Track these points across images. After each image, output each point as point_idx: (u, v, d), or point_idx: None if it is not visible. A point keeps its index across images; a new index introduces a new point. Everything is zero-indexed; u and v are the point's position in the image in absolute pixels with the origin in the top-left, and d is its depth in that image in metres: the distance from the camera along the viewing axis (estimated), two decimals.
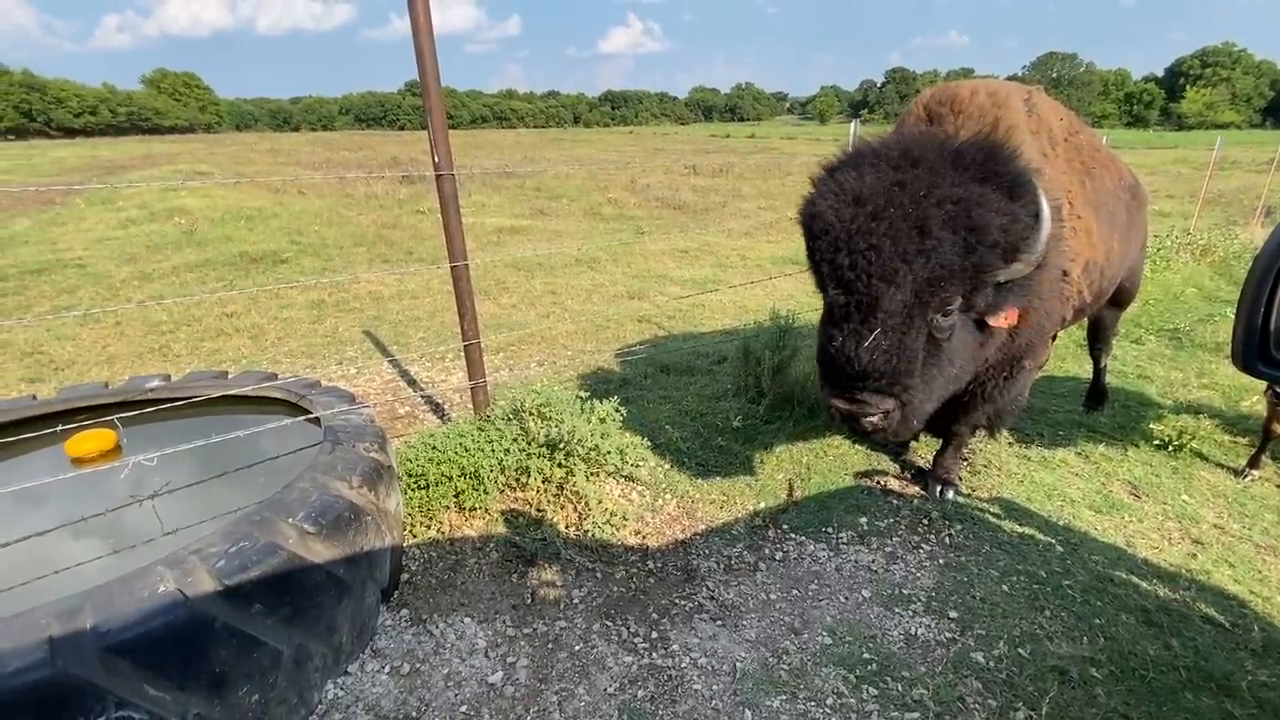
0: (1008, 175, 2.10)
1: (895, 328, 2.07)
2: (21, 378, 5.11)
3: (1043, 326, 2.75)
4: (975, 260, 2.03)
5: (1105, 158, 3.30)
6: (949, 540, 3.09)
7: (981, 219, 1.99)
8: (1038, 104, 2.87)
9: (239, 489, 2.55)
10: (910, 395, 2.19)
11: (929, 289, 2.04)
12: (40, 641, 1.52)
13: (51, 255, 9.14)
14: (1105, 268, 3.15)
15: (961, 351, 2.30)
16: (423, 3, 2.80)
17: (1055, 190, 2.66)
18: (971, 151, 2.14)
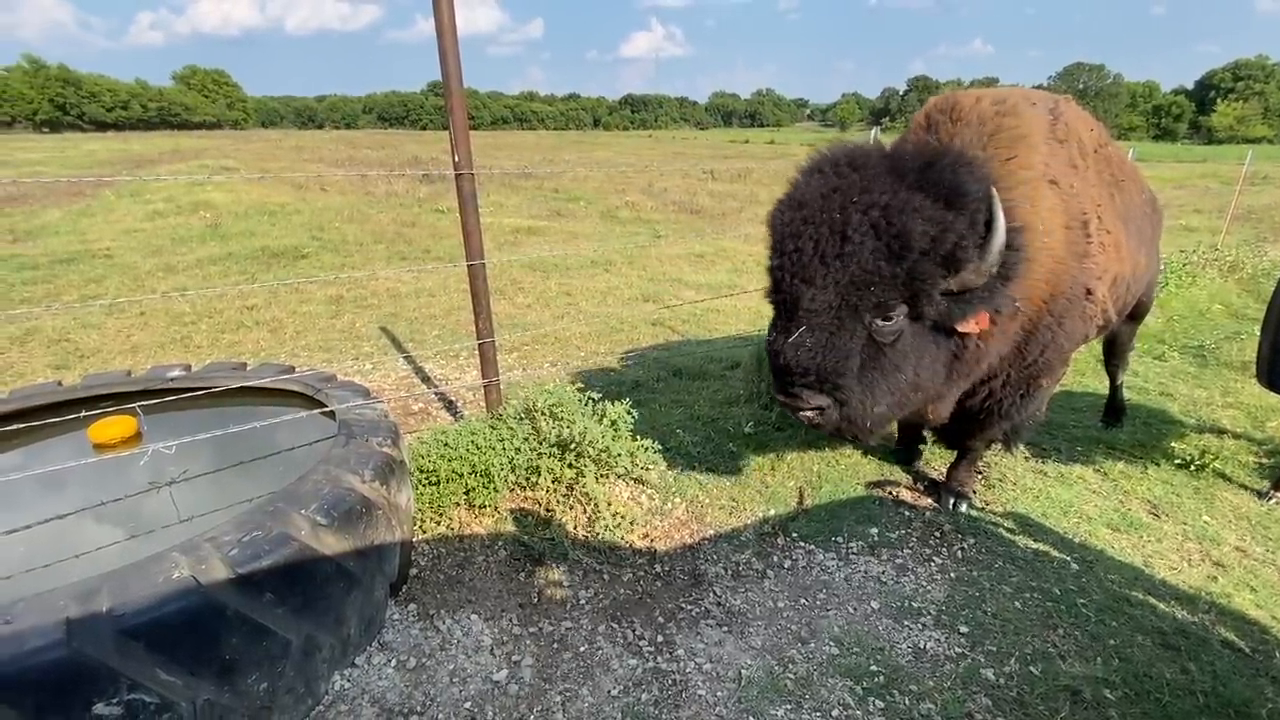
0: (944, 184, 2.07)
1: (822, 327, 2.13)
2: (48, 364, 5.22)
3: (1062, 346, 2.69)
4: (907, 268, 2.04)
5: (1131, 169, 3.25)
6: (961, 554, 3.05)
7: (905, 226, 2.00)
8: (1065, 113, 2.79)
9: (254, 479, 2.59)
10: (846, 395, 2.21)
11: (855, 292, 2.08)
12: (58, 622, 1.55)
13: (80, 246, 9.35)
14: (1132, 282, 3.09)
15: (918, 358, 2.28)
16: (448, 4, 2.83)
17: (1080, 203, 2.61)
18: (910, 159, 2.15)
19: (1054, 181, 2.53)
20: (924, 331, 2.25)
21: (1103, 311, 2.80)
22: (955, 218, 2.03)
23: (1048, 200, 2.49)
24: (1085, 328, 2.74)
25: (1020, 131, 2.57)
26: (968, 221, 2.05)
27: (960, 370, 2.50)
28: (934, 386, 2.44)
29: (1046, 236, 2.46)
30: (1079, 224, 2.59)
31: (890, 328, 2.16)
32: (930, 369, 2.34)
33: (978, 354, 2.47)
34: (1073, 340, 2.73)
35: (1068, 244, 2.54)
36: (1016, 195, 2.40)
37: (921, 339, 2.26)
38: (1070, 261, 2.55)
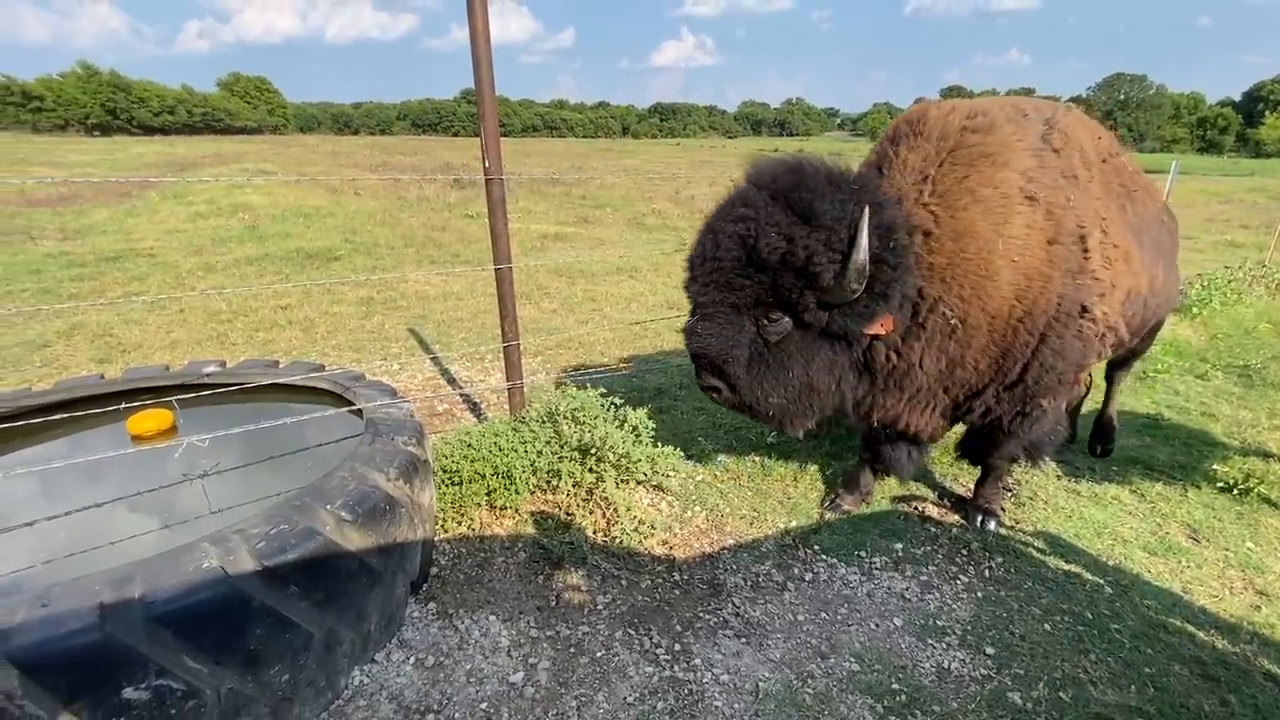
0: (801, 204, 2.22)
1: (714, 319, 2.37)
2: (92, 357, 5.42)
3: (1054, 366, 2.62)
4: (768, 278, 2.25)
5: (1145, 180, 3.14)
6: (989, 573, 2.97)
7: (756, 240, 2.21)
8: (1064, 123, 2.70)
9: (282, 474, 2.64)
10: (734, 381, 2.45)
11: (731, 293, 2.32)
12: (92, 607, 1.59)
13: (126, 244, 9.70)
14: (1149, 297, 2.98)
15: (808, 361, 2.44)
16: (482, 13, 2.88)
17: (1076, 217, 2.52)
18: (784, 176, 2.31)
19: (1032, 198, 2.47)
20: (814, 337, 2.41)
21: (1109, 329, 2.70)
22: (809, 235, 2.18)
23: (1021, 218, 2.46)
24: (1087, 348, 2.66)
25: (987, 149, 2.52)
26: (822, 239, 2.18)
27: (886, 381, 2.65)
28: (847, 391, 2.61)
29: (1018, 255, 2.46)
30: (1073, 239, 2.52)
31: (775, 329, 2.36)
32: (828, 373, 2.49)
33: (898, 366, 2.59)
34: (1069, 360, 2.65)
35: (1053, 260, 2.49)
36: (969, 214, 2.44)
37: (812, 344, 2.42)
38: (1057, 278, 2.50)
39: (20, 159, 23.26)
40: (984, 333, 2.57)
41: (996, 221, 2.44)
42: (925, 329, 2.53)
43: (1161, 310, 3.39)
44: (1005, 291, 2.49)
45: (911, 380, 2.65)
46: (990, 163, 2.50)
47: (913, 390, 2.71)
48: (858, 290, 2.20)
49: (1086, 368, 2.81)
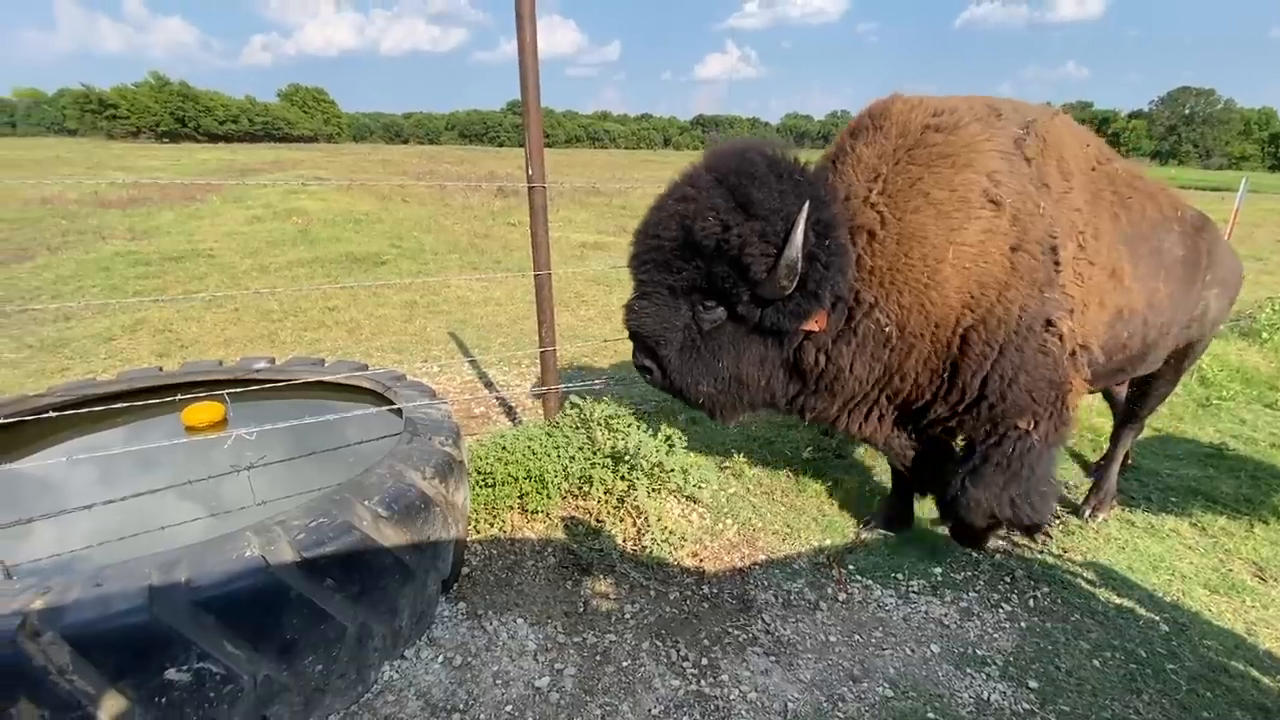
0: (743, 190, 2.15)
1: (651, 300, 2.33)
2: (152, 351, 5.69)
3: (1019, 381, 2.42)
4: (704, 264, 2.19)
5: (1151, 188, 2.88)
6: (1033, 603, 2.84)
7: (693, 223, 2.16)
8: (1043, 128, 2.53)
9: (323, 468, 2.72)
10: (665, 364, 2.41)
11: (668, 276, 2.27)
12: (142, 588, 1.66)
13: (188, 245, 10.18)
14: (1150, 316, 2.74)
15: (739, 354, 2.38)
16: (530, 26, 2.94)
17: (1048, 225, 2.37)
18: (731, 161, 2.24)
19: (996, 202, 2.32)
20: (746, 330, 2.34)
21: (1081, 348, 2.50)
22: (744, 224, 2.12)
23: (979, 223, 2.32)
24: (1056, 365, 2.46)
25: (947, 149, 2.37)
26: (757, 230, 2.11)
27: (816, 383, 2.54)
28: (777, 388, 2.53)
29: (971, 262, 2.31)
30: (1042, 248, 2.36)
31: (708, 318, 2.32)
32: (757, 369, 2.43)
33: (827, 370, 2.48)
34: (1036, 376, 2.45)
35: (1015, 268, 2.34)
36: (918, 218, 2.32)
37: (744, 337, 2.36)
38: (1019, 288, 2.35)
39: (96, 163, 24.72)
40: (925, 342, 2.43)
41: (949, 227, 2.31)
42: (857, 334, 2.41)
43: (1179, 331, 3.05)
44: (952, 300, 2.35)
45: (842, 385, 2.53)
46: (950, 164, 2.35)
47: (846, 395, 2.60)
48: (789, 287, 2.12)
49: (1064, 388, 2.53)
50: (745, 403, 2.54)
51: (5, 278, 8.17)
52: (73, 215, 12.65)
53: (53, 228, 11.44)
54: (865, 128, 2.54)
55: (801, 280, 2.13)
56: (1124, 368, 2.95)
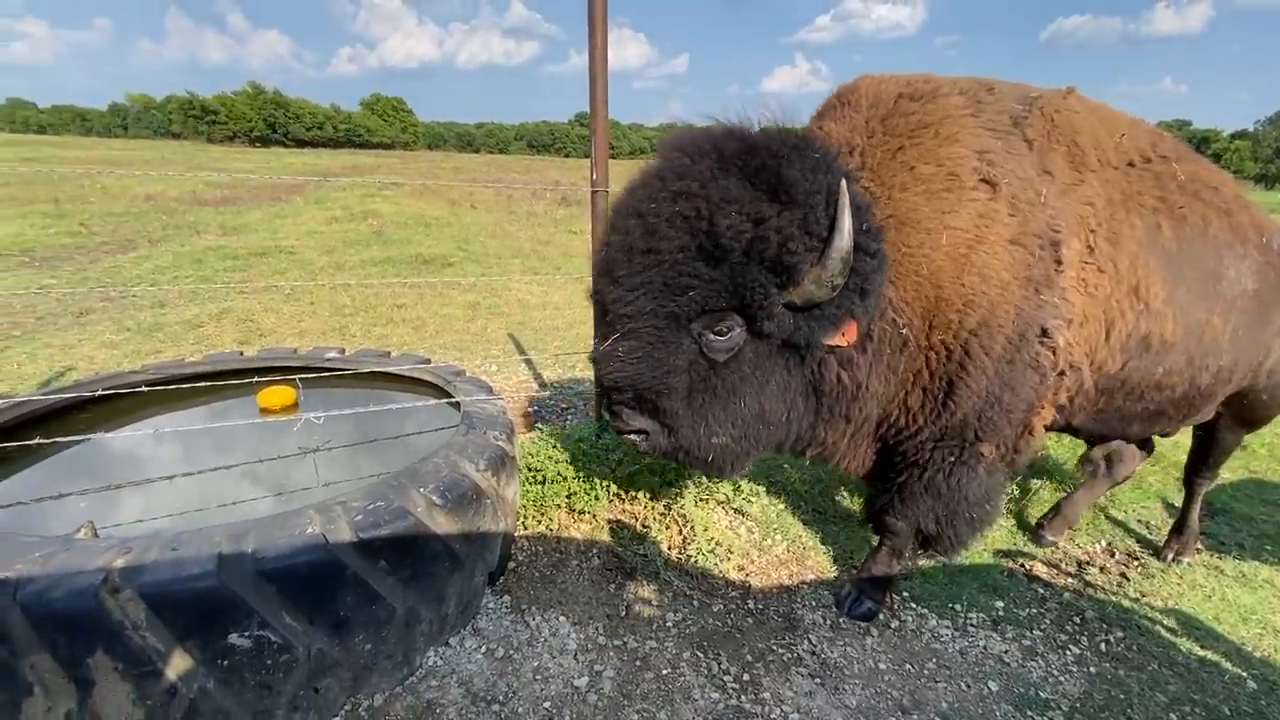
0: (769, 172, 1.73)
1: (640, 336, 1.80)
2: (234, 339, 6.06)
3: (999, 399, 2.12)
4: (728, 271, 1.72)
5: (1229, 202, 2.45)
6: (1105, 648, 2.65)
7: (711, 223, 1.69)
8: (1052, 108, 2.21)
9: (383, 455, 2.82)
10: (672, 420, 1.88)
11: (671, 297, 1.75)
12: (212, 555, 1.75)
13: (272, 242, 10.82)
14: (1197, 354, 2.35)
15: (763, 384, 1.91)
16: (601, 29, 2.99)
17: (1049, 217, 2.05)
18: (730, 142, 1.82)
19: (990, 182, 2.02)
20: (770, 351, 1.89)
21: (1070, 368, 2.15)
22: (781, 213, 1.70)
23: (973, 206, 2.01)
24: (1042, 383, 2.13)
25: (926, 118, 2.07)
26: (798, 219, 1.70)
27: (832, 408, 2.11)
28: (795, 422, 2.07)
29: (968, 249, 1.99)
30: (1041, 242, 2.05)
31: (723, 343, 1.82)
32: (781, 399, 1.98)
33: (847, 388, 2.05)
34: (1020, 394, 2.13)
35: (1013, 264, 2.03)
36: (908, 196, 2.01)
37: (767, 360, 1.90)
38: (1015, 287, 2.03)
39: (195, 164, 26.68)
40: (922, 351, 2.08)
41: (941, 208, 1.99)
42: (873, 339, 2.02)
43: (1266, 387, 2.67)
44: (950, 296, 2.00)
45: (859, 406, 2.13)
46: (932, 134, 2.04)
47: (859, 419, 2.20)
48: (840, 283, 1.73)
49: (1032, 411, 2.21)
50: (760, 447, 2.08)
51: (111, 266, 8.89)
52: (172, 211, 13.68)
53: (154, 222, 12.40)
54: (832, 106, 2.26)
55: (854, 276, 1.77)
56: (1165, 412, 2.52)
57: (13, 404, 2.64)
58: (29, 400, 2.68)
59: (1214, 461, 3.22)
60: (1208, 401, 2.59)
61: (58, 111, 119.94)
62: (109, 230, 11.42)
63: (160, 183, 17.17)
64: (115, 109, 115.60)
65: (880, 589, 2.74)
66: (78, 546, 1.76)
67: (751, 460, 2.13)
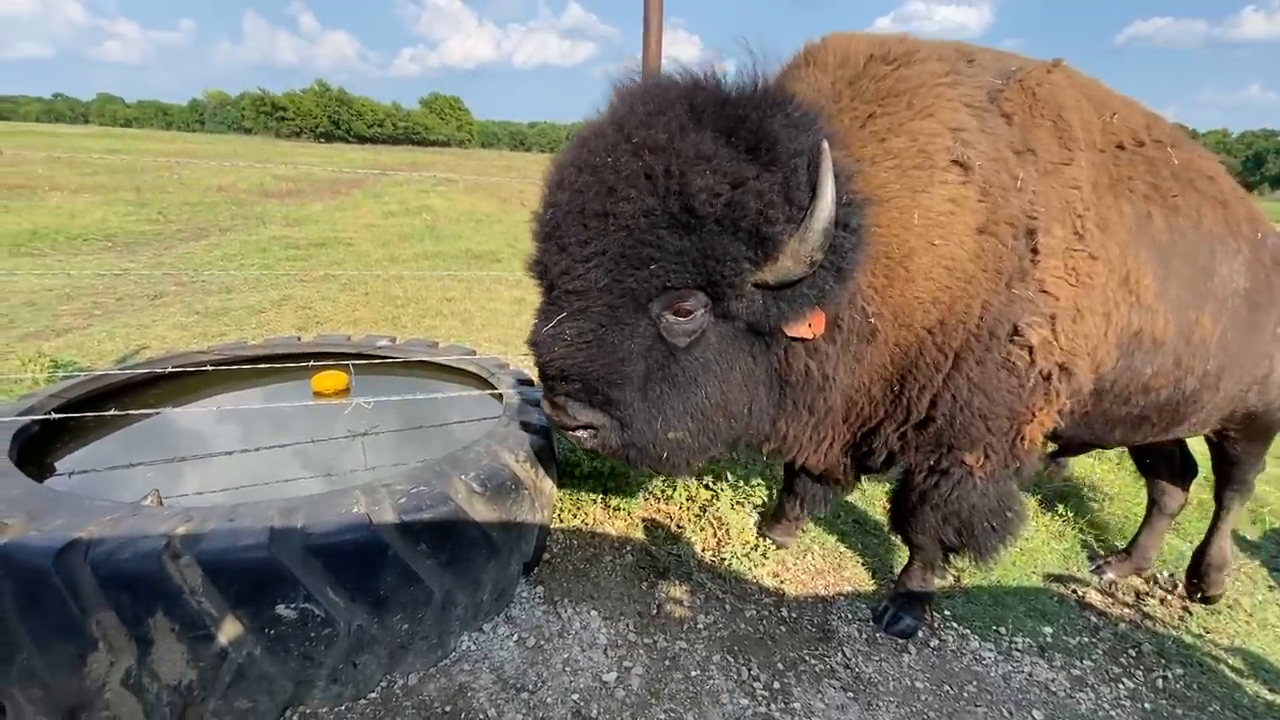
0: (747, 128, 1.51)
1: (590, 316, 1.59)
2: (293, 324, 6.32)
3: (971, 404, 1.98)
4: (699, 242, 1.51)
5: (1225, 194, 2.30)
6: (1162, 684, 2.50)
7: (687, 178, 1.46)
8: (1034, 81, 2.02)
9: (427, 441, 2.89)
10: (626, 412, 1.68)
11: (629, 270, 1.53)
12: (265, 528, 1.83)
13: (331, 234, 11.25)
14: (1185, 355, 2.19)
15: (726, 372, 1.73)
16: (656, 38, 3.00)
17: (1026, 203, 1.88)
18: (699, 92, 1.60)
19: (962, 164, 1.85)
20: (735, 336, 1.70)
21: (1060, 369, 1.97)
22: (761, 175, 1.50)
23: (945, 189, 1.82)
24: (1021, 386, 1.97)
25: (899, 84, 1.88)
26: (779, 183, 1.51)
27: (796, 399, 1.92)
28: (756, 415, 1.88)
29: (940, 237, 1.83)
30: (1014, 232, 1.89)
31: (684, 326, 1.63)
32: (744, 389, 1.79)
33: (813, 379, 1.87)
34: (995, 400, 1.97)
35: (980, 255, 1.87)
36: (878, 170, 1.83)
37: (732, 346, 1.71)
38: (983, 280, 1.88)
39: (264, 158, 27.96)
40: (889, 343, 1.95)
41: (913, 187, 1.82)
42: (842, 328, 1.86)
43: (1234, 391, 2.41)
44: (919, 287, 1.86)
45: (824, 399, 1.96)
46: (905, 104, 1.86)
47: (822, 412, 2.03)
48: (819, 258, 1.54)
49: (1022, 419, 2.06)
50: (718, 442, 1.90)
51: (184, 253, 9.40)
52: (242, 202, 14.37)
53: (225, 212, 13.05)
54: (796, 66, 2.07)
55: (832, 253, 1.59)
56: (1149, 417, 2.35)
57: (93, 377, 2.81)
58: (107, 374, 2.86)
59: (1236, 473, 2.92)
60: (1193, 409, 2.38)
61: (143, 106, 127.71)
62: (184, 219, 12.08)
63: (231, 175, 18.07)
64: (194, 105, 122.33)
65: (919, 604, 2.66)
66: (144, 513, 1.87)
67: (707, 457, 1.98)
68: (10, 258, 8.28)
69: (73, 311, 6.25)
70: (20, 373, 4.16)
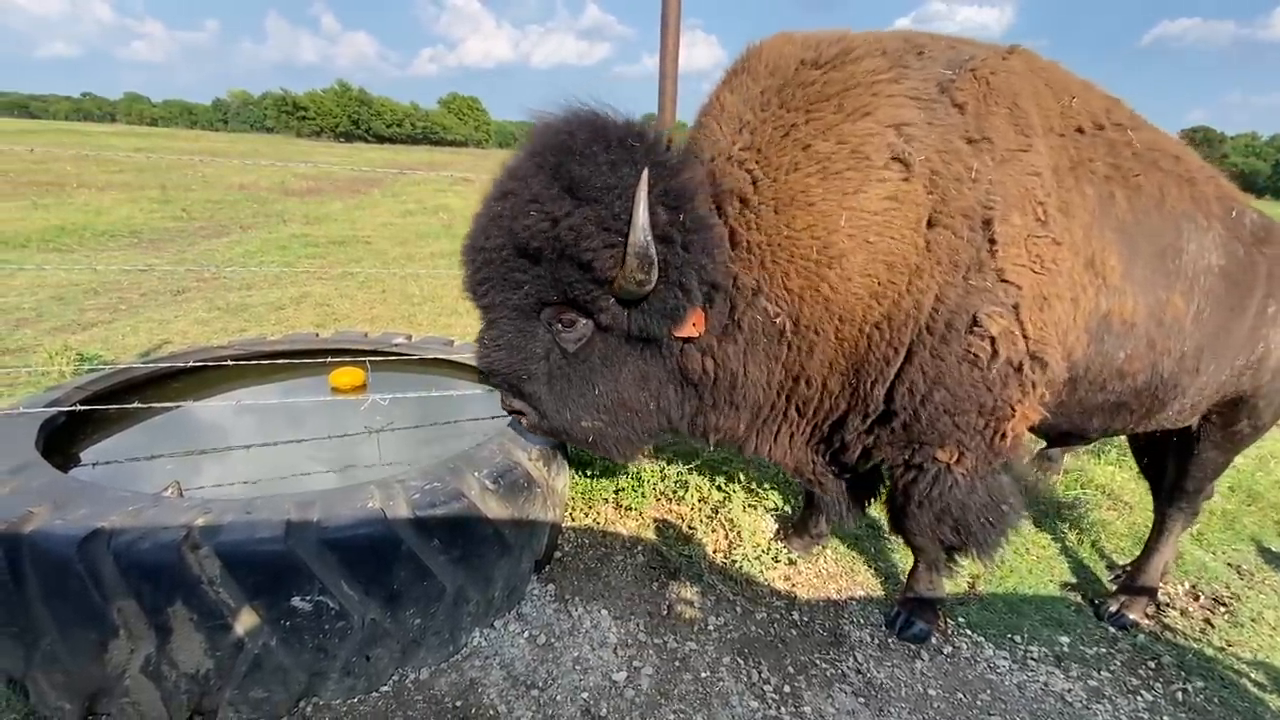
0: (566, 169, 1.76)
1: (503, 325, 1.94)
2: (311, 322, 6.40)
3: (933, 398, 1.98)
4: (545, 271, 1.81)
5: (1193, 173, 2.25)
6: (1182, 697, 2.45)
7: (515, 222, 1.78)
8: (988, 68, 2.00)
9: (441, 438, 2.92)
10: (538, 404, 2.03)
11: (510, 293, 1.88)
12: (281, 521, 1.86)
13: (350, 232, 11.38)
14: (1158, 336, 2.15)
15: (616, 373, 1.98)
16: (673, 39, 3.01)
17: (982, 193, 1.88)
18: (553, 136, 1.84)
19: (903, 160, 1.86)
20: (619, 342, 1.94)
21: (1031, 359, 1.96)
22: (574, 211, 1.74)
23: (882, 187, 1.86)
24: (986, 378, 1.96)
25: (829, 88, 1.91)
26: (592, 218, 1.73)
27: (714, 396, 2.11)
28: (671, 409, 2.11)
29: (876, 235, 1.87)
30: (970, 223, 1.88)
31: (571, 334, 1.92)
32: (641, 388, 2.03)
33: (720, 377, 2.04)
34: (960, 394, 1.97)
35: (931, 248, 1.88)
36: (797, 177, 1.88)
37: (619, 351, 1.96)
38: (935, 273, 1.89)
39: (285, 157, 28.34)
40: (829, 339, 2.00)
41: (841, 189, 1.86)
42: (743, 329, 1.98)
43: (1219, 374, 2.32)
44: (856, 285, 1.90)
45: (742, 395, 2.10)
46: (834, 108, 1.89)
47: (750, 407, 2.17)
48: (646, 279, 1.73)
49: (1000, 415, 2.03)
50: (641, 431, 2.14)
51: (206, 249, 9.56)
52: (263, 200, 14.59)
53: (246, 210, 13.25)
54: (733, 73, 2.12)
55: (662, 270, 1.76)
56: (1127, 404, 2.29)
57: (117, 371, 2.87)
58: (130, 368, 2.92)
59: (1193, 486, 2.78)
60: (1172, 394, 2.31)
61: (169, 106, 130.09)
62: (206, 216, 12.29)
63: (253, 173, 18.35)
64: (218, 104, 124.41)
65: (929, 609, 2.63)
66: (165, 503, 1.90)
67: (644, 444, 2.21)
68: (39, 253, 8.48)
69: (98, 306, 6.38)
70: (48, 365, 4.26)
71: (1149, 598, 2.88)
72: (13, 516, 1.77)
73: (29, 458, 2.10)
